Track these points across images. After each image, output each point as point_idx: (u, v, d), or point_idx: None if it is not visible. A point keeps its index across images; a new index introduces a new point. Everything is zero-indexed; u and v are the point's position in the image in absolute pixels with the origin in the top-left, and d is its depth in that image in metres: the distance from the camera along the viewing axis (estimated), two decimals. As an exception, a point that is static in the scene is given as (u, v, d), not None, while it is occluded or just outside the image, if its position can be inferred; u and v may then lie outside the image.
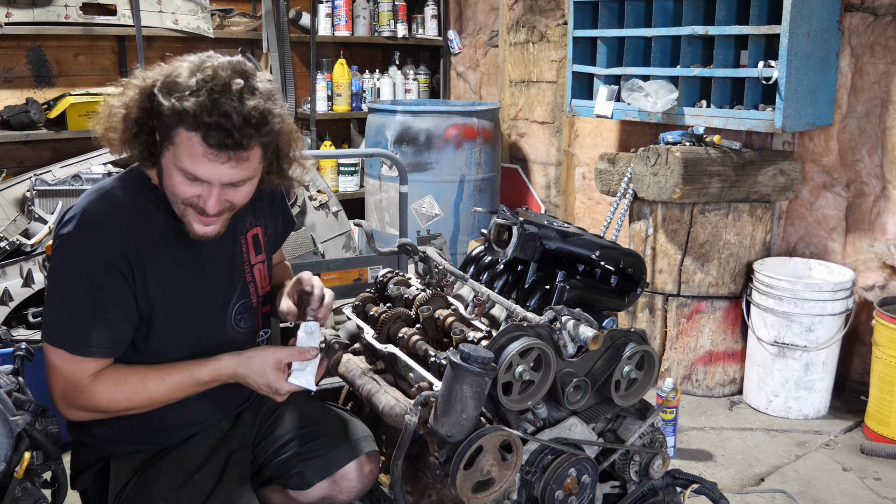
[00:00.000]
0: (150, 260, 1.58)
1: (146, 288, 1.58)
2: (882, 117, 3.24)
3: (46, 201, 3.30)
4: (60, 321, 1.54)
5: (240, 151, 1.48)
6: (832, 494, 2.69)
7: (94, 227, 1.54)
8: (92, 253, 1.53)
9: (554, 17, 4.61)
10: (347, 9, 4.99)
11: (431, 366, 1.64)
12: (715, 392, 3.50)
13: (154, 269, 1.58)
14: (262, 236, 1.79)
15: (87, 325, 1.53)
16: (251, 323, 1.78)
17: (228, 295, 1.72)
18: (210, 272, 1.68)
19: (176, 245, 1.62)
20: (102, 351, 1.55)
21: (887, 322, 2.95)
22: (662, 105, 3.41)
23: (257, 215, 1.78)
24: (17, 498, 1.42)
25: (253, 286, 1.77)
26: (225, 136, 1.44)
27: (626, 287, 1.91)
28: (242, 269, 1.74)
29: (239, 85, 1.47)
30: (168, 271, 1.61)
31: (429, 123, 4.30)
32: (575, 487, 1.60)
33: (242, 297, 1.74)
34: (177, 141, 1.47)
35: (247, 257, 1.75)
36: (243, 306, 1.74)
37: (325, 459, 1.74)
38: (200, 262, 1.66)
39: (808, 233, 3.55)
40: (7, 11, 3.78)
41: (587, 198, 4.55)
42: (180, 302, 1.63)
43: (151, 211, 1.60)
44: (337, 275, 2.98)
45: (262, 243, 1.80)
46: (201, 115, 1.43)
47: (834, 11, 3.22)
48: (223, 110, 1.44)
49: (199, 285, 1.66)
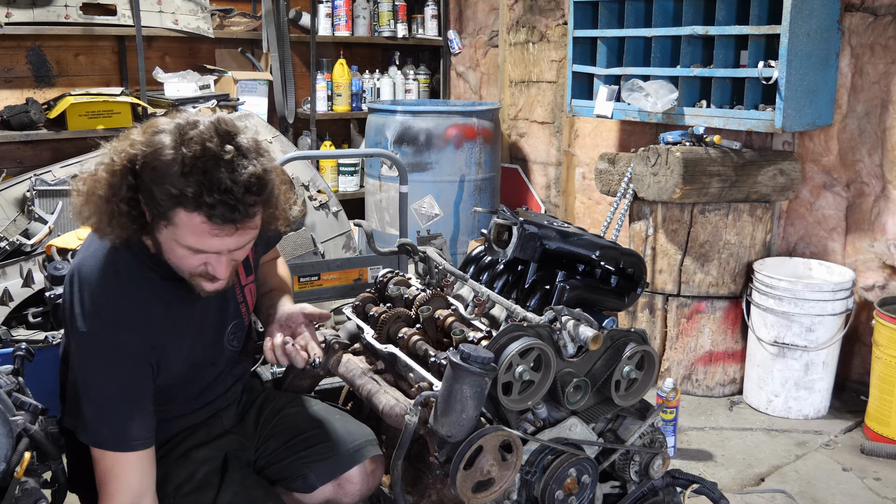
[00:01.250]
0: (167, 334, 1.57)
1: (167, 358, 1.58)
2: (882, 117, 3.24)
3: (46, 201, 3.30)
4: (96, 421, 1.50)
5: (246, 220, 1.45)
6: (832, 494, 2.69)
7: (115, 324, 1.50)
8: (117, 351, 1.50)
9: (554, 17, 4.60)
10: (347, 9, 4.99)
11: (431, 366, 1.64)
12: (715, 392, 3.50)
13: (170, 340, 1.58)
14: (251, 257, 1.78)
15: (124, 421, 1.50)
16: (242, 338, 1.78)
17: (224, 322, 1.72)
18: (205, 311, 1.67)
19: (180, 307, 1.61)
20: (143, 442, 1.52)
21: (887, 322, 2.95)
22: (662, 105, 3.41)
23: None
24: (17, 498, 1.42)
25: (244, 306, 1.76)
26: (230, 211, 1.41)
27: (626, 287, 1.91)
28: (234, 292, 1.73)
29: (230, 154, 1.41)
30: (179, 335, 1.61)
31: (429, 123, 4.30)
32: (575, 487, 1.60)
33: (235, 318, 1.74)
34: (176, 221, 1.42)
35: (237, 280, 1.73)
36: (236, 326, 1.75)
37: (330, 463, 1.74)
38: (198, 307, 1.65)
39: (808, 233, 3.55)
40: (7, 11, 3.78)
41: (587, 198, 4.55)
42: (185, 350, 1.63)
43: (155, 282, 1.57)
44: (337, 275, 2.97)
45: (252, 263, 1.79)
46: (202, 196, 1.38)
47: (834, 11, 3.22)
48: (223, 187, 1.39)
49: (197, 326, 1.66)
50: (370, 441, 1.79)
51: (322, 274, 2.94)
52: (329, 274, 2.95)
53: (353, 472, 1.74)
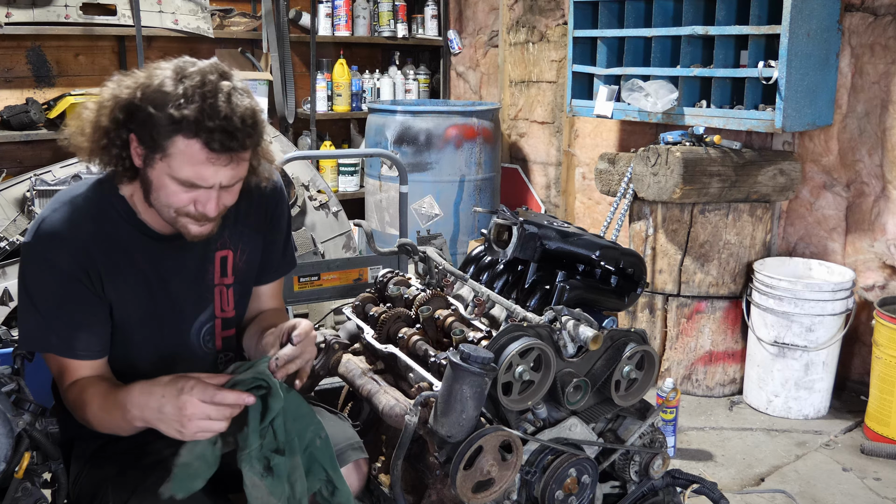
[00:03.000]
0: (109, 269, 1.56)
1: (104, 293, 1.57)
2: (882, 117, 3.24)
3: (46, 201, 3.29)
4: (40, 330, 1.54)
5: (240, 153, 1.48)
6: (832, 494, 2.69)
7: (51, 238, 1.53)
8: (48, 263, 1.52)
9: (554, 17, 4.61)
10: (347, 9, 4.99)
11: (431, 366, 1.64)
12: (715, 392, 3.50)
13: (111, 283, 1.57)
14: (231, 259, 1.74)
15: (70, 332, 1.53)
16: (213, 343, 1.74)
17: (195, 311, 1.70)
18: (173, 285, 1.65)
19: (140, 255, 1.59)
20: (91, 354, 1.55)
21: (887, 322, 2.95)
22: (662, 105, 3.41)
23: (234, 237, 1.72)
24: (17, 498, 1.42)
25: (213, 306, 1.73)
26: (228, 138, 1.44)
27: (626, 287, 1.91)
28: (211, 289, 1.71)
29: (228, 87, 1.46)
30: (125, 287, 1.59)
31: (429, 123, 4.30)
32: (575, 487, 1.60)
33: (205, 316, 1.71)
34: (172, 151, 1.44)
35: (211, 277, 1.71)
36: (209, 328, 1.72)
37: None
38: (164, 275, 1.63)
39: (808, 233, 3.55)
40: (7, 11, 3.78)
41: (587, 198, 4.55)
42: (137, 317, 1.61)
43: (115, 222, 1.58)
44: (337, 275, 2.97)
45: (231, 267, 1.74)
46: (203, 120, 1.41)
47: (834, 11, 3.22)
48: (223, 114, 1.43)
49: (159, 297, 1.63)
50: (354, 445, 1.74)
51: (322, 274, 2.94)
52: (329, 274, 2.95)
53: None
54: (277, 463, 1.44)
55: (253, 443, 1.42)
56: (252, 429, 1.42)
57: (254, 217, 1.73)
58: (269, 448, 1.44)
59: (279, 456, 1.44)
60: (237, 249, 1.73)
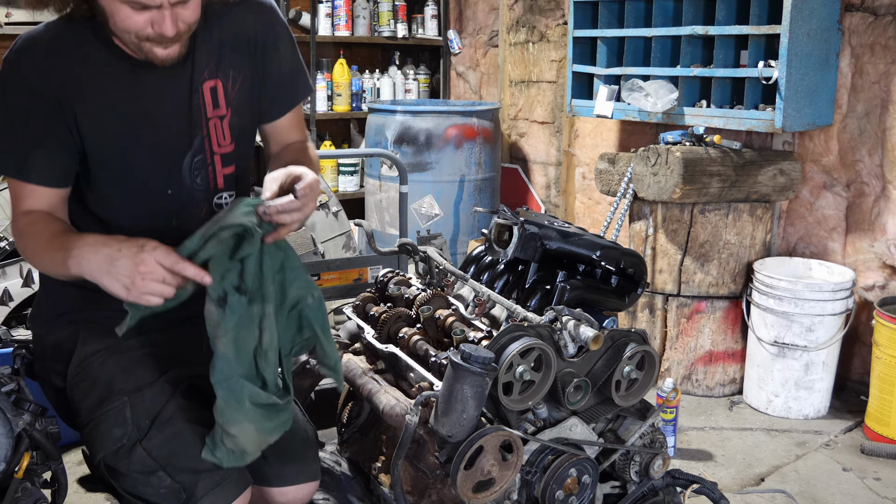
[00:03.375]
0: (79, 92, 1.49)
1: (77, 123, 1.51)
2: (882, 117, 3.24)
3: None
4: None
5: None
6: (832, 494, 2.69)
7: (21, 50, 1.46)
8: (14, 75, 1.47)
9: (554, 17, 4.61)
10: (347, 9, 4.99)
11: (432, 366, 1.64)
12: (715, 392, 3.50)
13: (84, 104, 1.50)
14: (222, 89, 1.62)
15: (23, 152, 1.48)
16: (206, 180, 1.65)
17: (182, 146, 1.60)
18: (157, 118, 1.56)
19: (116, 82, 1.52)
20: (42, 179, 1.50)
21: (887, 322, 2.95)
22: (662, 105, 3.41)
23: (222, 66, 1.62)
24: (17, 498, 1.42)
25: (207, 141, 1.63)
26: None
27: (627, 287, 1.91)
28: (199, 122, 1.61)
29: None
30: (102, 109, 1.52)
31: (429, 123, 4.30)
32: (575, 487, 1.60)
33: (198, 153, 1.62)
34: None
35: (202, 110, 1.61)
36: (200, 162, 1.62)
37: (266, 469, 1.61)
38: (145, 106, 1.55)
39: (808, 233, 3.55)
40: (7, 11, 3.78)
41: (587, 198, 4.55)
42: (117, 145, 1.55)
43: (92, 43, 1.50)
44: (337, 275, 2.98)
45: (223, 97, 1.63)
46: None
47: (834, 11, 3.22)
48: None
49: (141, 130, 1.56)
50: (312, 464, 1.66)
51: (322, 274, 2.94)
52: (329, 274, 2.95)
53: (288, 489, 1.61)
54: (233, 302, 1.36)
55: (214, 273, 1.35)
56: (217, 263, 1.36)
57: (236, 39, 1.63)
58: (231, 284, 1.36)
59: (238, 294, 1.37)
60: (228, 78, 1.63)
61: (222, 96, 1.64)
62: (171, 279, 1.33)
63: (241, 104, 1.67)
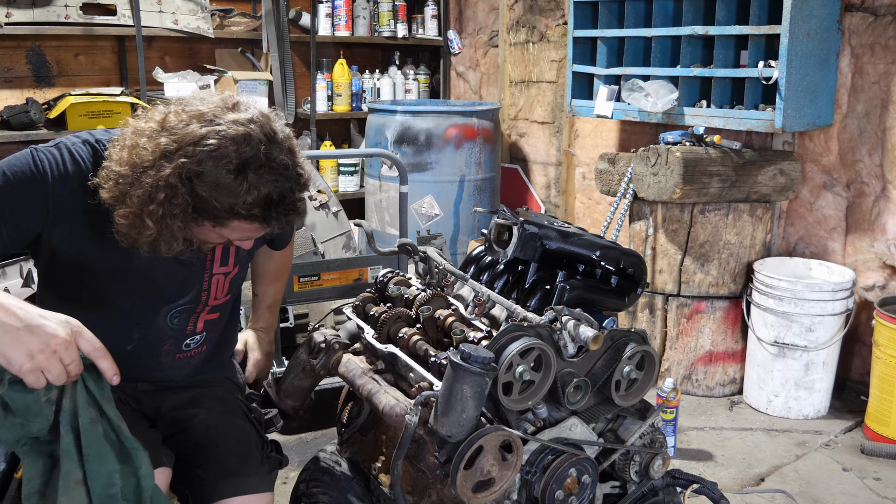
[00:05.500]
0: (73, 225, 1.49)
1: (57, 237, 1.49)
2: (882, 117, 3.24)
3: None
4: None
5: None
6: (832, 494, 2.69)
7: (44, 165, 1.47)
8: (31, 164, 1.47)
9: (554, 17, 4.61)
10: (347, 9, 4.99)
11: (432, 366, 1.64)
12: (715, 392, 3.50)
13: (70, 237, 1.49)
14: (234, 249, 1.68)
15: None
16: (185, 323, 1.69)
17: (174, 297, 1.64)
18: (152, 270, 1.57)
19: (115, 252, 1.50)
20: None
21: (887, 322, 2.95)
22: (662, 105, 3.41)
23: None
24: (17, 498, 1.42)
25: (206, 294, 1.68)
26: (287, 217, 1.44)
27: (627, 287, 1.91)
28: (201, 276, 1.66)
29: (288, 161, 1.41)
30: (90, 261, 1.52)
31: (429, 123, 4.30)
32: (575, 487, 1.60)
33: (190, 303, 1.66)
34: (230, 226, 1.42)
35: (209, 265, 1.66)
36: (185, 310, 1.67)
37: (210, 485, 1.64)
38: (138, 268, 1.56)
39: (808, 233, 3.55)
40: (7, 11, 3.78)
41: (587, 198, 4.55)
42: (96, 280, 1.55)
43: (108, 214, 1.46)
44: (337, 275, 2.97)
45: (232, 255, 1.69)
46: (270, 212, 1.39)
47: (834, 11, 3.22)
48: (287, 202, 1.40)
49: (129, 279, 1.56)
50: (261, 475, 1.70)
51: (322, 274, 2.94)
52: (329, 274, 2.95)
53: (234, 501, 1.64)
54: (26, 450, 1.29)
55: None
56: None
57: None
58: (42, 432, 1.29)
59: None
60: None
61: (233, 255, 1.69)
62: (75, 368, 1.25)
63: (247, 258, 1.74)
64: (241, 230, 1.44)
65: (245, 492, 1.65)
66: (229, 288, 1.72)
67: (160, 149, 1.37)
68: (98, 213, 1.46)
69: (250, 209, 1.38)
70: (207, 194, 1.37)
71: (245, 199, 1.37)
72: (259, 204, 1.38)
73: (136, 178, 1.38)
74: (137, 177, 1.38)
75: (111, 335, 1.48)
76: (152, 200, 1.37)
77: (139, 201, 1.38)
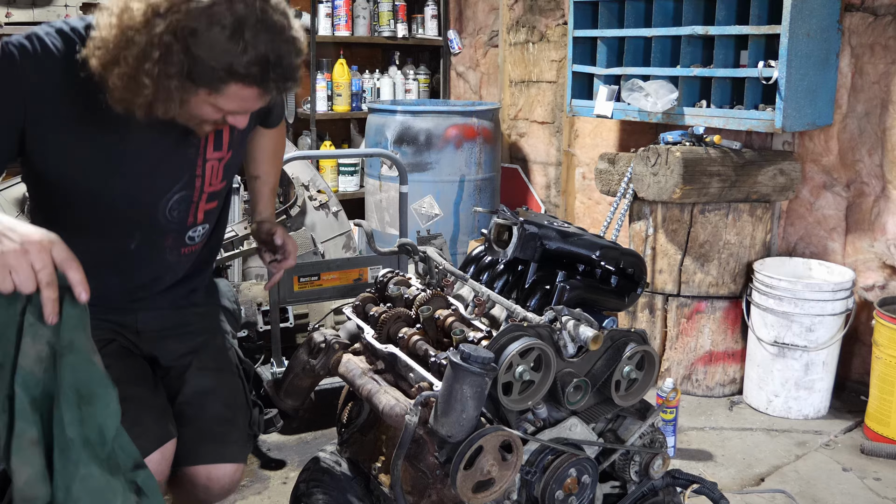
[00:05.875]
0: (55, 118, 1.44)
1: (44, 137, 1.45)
2: (882, 117, 3.24)
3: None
4: None
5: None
6: (832, 494, 2.69)
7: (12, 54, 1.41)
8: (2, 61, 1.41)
9: (554, 17, 4.61)
10: (347, 9, 4.99)
11: (431, 366, 1.64)
12: (715, 392, 3.50)
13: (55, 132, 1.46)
14: (227, 133, 1.64)
15: None
16: (184, 214, 1.66)
17: (169, 185, 1.60)
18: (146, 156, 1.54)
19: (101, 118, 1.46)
20: None
21: (887, 322, 2.95)
22: (662, 105, 3.41)
23: None
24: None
25: (200, 180, 1.63)
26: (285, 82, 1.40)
27: (627, 287, 1.91)
28: (194, 162, 1.61)
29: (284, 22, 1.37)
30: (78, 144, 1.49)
31: (429, 123, 4.30)
32: (575, 487, 1.60)
33: (184, 189, 1.62)
34: (225, 92, 1.37)
35: (202, 151, 1.62)
36: (182, 198, 1.62)
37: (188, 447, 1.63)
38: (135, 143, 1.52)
39: (808, 233, 3.55)
40: (7, 11, 3.79)
41: (587, 198, 4.55)
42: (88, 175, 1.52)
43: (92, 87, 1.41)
44: (337, 275, 2.97)
45: (226, 140, 1.64)
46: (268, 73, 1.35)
47: (834, 11, 3.22)
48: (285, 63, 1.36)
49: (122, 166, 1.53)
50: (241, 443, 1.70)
51: (322, 274, 2.94)
52: (329, 274, 2.95)
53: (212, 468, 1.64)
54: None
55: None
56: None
57: None
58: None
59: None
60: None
61: (227, 138, 1.64)
62: (45, 276, 1.14)
63: (240, 142, 1.69)
64: (238, 97, 1.39)
65: (224, 460, 1.64)
66: (223, 174, 1.68)
67: (151, 7, 1.34)
68: (83, 94, 1.42)
69: (248, 68, 1.34)
70: (204, 55, 1.33)
71: (242, 59, 1.34)
72: (256, 63, 1.34)
73: (129, 39, 1.34)
74: (130, 37, 1.34)
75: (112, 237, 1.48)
76: (147, 58, 1.33)
77: (135, 60, 1.34)
